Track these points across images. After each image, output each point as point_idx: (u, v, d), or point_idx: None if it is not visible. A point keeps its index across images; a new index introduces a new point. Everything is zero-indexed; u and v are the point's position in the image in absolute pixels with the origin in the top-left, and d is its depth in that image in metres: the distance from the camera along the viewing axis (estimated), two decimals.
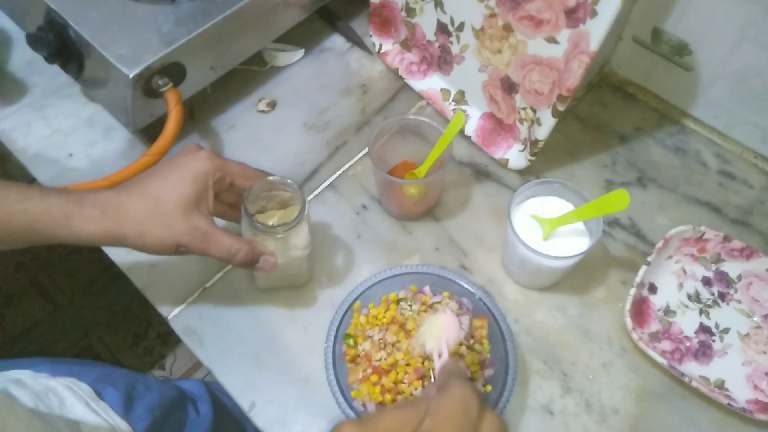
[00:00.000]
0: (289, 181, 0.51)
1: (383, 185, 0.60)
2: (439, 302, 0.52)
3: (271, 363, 0.54)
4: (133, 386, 0.64)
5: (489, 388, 0.49)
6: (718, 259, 0.58)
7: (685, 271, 0.58)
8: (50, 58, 0.60)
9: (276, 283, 0.57)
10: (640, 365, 0.54)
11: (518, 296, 0.58)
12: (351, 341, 0.50)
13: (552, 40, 0.53)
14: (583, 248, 0.51)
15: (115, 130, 0.67)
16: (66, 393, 0.55)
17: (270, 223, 0.52)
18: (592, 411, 0.52)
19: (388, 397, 0.47)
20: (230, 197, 0.52)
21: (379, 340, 0.49)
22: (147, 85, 0.57)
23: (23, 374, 0.56)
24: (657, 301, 0.57)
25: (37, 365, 0.58)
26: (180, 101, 0.58)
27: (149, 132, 0.62)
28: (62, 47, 0.60)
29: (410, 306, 0.52)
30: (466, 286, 0.53)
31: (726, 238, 0.57)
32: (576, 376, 0.53)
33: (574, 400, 0.52)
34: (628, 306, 0.53)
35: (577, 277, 0.58)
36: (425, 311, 0.52)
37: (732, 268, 0.58)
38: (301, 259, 0.53)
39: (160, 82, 0.57)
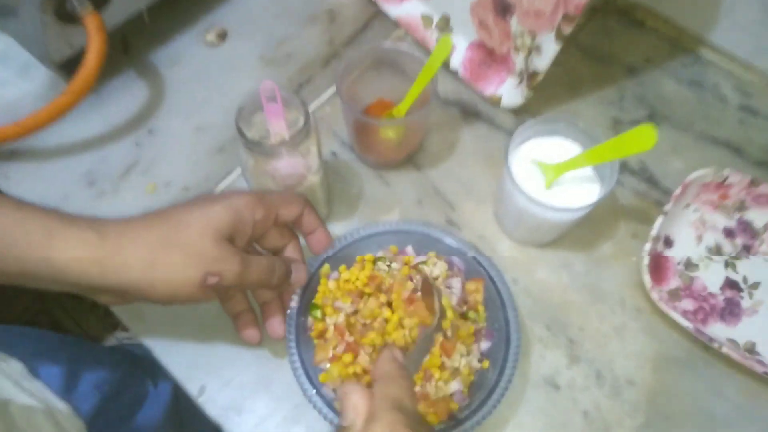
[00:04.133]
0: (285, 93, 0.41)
1: (356, 128, 0.53)
2: (424, 262, 0.44)
3: (223, 340, 0.46)
4: (78, 359, 0.58)
5: (486, 363, 0.41)
6: (741, 207, 0.51)
7: (703, 222, 0.51)
8: None
9: None
10: (657, 328, 0.47)
11: (515, 253, 0.51)
12: (318, 313, 0.42)
13: None
14: (594, 197, 0.44)
15: (33, 69, 0.58)
16: None
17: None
18: (603, 383, 0.45)
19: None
20: (273, 240, 0.42)
21: (353, 311, 0.41)
22: (60, 8, 0.48)
23: None
24: (674, 254, 0.50)
25: None
26: (103, 27, 0.49)
27: (73, 69, 0.52)
28: None
29: (389, 265, 0.44)
30: (455, 244, 0.45)
31: (753, 182, 0.50)
32: (584, 344, 0.47)
33: (583, 371, 0.45)
34: (646, 261, 0.46)
35: (582, 230, 0.51)
36: (408, 272, 0.43)
37: (758, 216, 0.51)
38: (314, 186, 0.46)
39: (75, 3, 0.48)
